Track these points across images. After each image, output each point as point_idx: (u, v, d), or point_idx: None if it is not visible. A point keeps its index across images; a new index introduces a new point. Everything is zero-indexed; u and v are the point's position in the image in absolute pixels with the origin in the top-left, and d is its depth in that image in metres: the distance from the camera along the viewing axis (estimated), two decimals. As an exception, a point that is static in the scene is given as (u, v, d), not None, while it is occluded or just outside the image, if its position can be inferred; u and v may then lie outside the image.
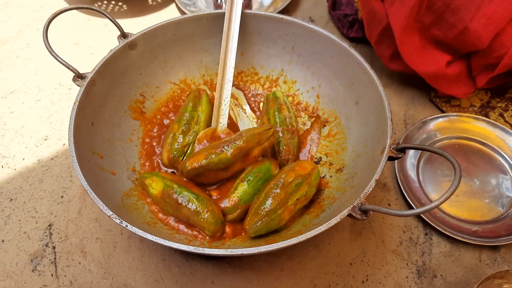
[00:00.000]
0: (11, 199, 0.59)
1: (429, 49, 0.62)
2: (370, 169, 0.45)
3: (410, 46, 0.62)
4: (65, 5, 0.65)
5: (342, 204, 0.46)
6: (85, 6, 0.52)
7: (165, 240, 0.37)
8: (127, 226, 0.38)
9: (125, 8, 0.88)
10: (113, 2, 0.86)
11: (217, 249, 0.37)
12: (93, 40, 0.83)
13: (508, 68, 0.57)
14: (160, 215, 0.51)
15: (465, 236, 0.53)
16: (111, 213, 0.39)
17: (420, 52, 0.62)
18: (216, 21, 0.61)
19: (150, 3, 0.90)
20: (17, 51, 0.80)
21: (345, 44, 0.55)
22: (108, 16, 0.53)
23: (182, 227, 0.50)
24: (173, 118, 0.63)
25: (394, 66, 0.69)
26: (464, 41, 0.57)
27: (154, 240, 0.37)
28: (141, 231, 0.38)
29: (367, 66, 0.52)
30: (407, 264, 0.53)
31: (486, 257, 0.54)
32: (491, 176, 0.60)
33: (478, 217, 0.56)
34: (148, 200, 0.52)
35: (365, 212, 0.39)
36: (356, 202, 0.39)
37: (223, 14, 0.60)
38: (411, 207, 0.57)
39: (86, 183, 0.41)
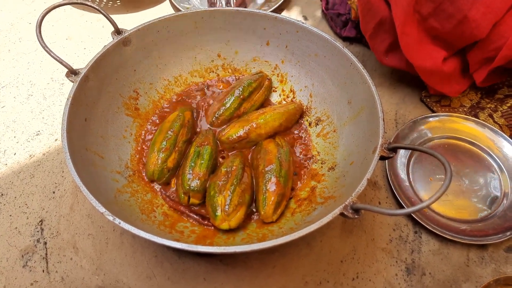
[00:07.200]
0: (1, 194, 0.58)
1: (426, 44, 0.62)
2: (362, 168, 0.46)
3: (410, 37, 0.61)
4: (59, 0, 0.65)
5: (334, 202, 0.47)
6: (79, 1, 0.52)
7: (158, 237, 0.37)
8: (120, 223, 0.38)
9: (119, 4, 0.88)
10: (106, -3, 0.86)
11: (210, 247, 0.37)
12: (86, 36, 0.82)
13: (507, 60, 0.57)
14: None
15: (453, 234, 0.54)
16: (104, 209, 0.39)
17: (417, 46, 0.62)
18: (210, 19, 0.61)
19: (144, -2, 0.89)
20: (8, 45, 0.79)
21: (338, 44, 0.55)
22: (102, 11, 0.53)
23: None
24: (166, 114, 0.62)
25: (388, 61, 0.68)
26: (463, 32, 0.57)
27: (147, 237, 0.37)
28: (134, 228, 0.38)
29: (360, 66, 0.52)
30: (396, 261, 0.54)
31: (474, 255, 0.55)
32: (480, 176, 0.61)
33: (466, 216, 0.57)
34: (143, 197, 0.52)
35: (357, 211, 0.39)
36: (348, 200, 0.39)
37: (218, 11, 0.60)
38: (401, 206, 0.58)
39: (79, 180, 0.41)
